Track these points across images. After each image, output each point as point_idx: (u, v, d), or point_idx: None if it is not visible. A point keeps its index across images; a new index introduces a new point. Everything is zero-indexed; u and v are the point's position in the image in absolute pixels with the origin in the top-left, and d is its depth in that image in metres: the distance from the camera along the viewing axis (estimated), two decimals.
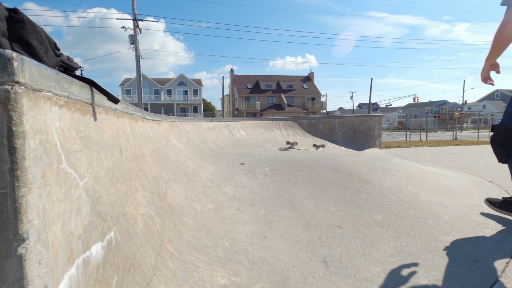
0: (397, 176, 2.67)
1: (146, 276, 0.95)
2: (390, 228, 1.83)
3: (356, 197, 2.28)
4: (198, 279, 1.15)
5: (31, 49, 0.84)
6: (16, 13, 0.83)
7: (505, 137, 1.82)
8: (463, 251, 1.55)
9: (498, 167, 4.07)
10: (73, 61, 1.11)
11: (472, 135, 19.10)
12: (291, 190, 2.44)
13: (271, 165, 3.03)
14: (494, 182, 3.06)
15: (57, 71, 0.71)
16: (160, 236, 1.24)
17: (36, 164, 0.57)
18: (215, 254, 1.40)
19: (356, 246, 1.61)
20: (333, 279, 1.31)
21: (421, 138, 15.08)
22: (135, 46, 16.33)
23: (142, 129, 1.91)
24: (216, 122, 5.31)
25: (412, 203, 2.17)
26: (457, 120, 23.69)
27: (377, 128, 7.22)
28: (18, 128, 0.54)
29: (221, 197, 2.22)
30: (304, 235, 1.73)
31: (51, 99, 0.67)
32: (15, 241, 0.52)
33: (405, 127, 18.36)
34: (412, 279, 1.31)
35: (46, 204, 0.59)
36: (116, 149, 1.15)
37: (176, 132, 3.30)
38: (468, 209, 2.16)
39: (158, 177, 1.78)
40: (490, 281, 1.29)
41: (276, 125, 6.95)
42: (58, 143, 0.68)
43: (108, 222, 0.87)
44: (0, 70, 0.53)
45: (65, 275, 0.61)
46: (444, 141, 11.77)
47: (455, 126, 17.34)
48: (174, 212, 1.60)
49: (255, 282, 1.24)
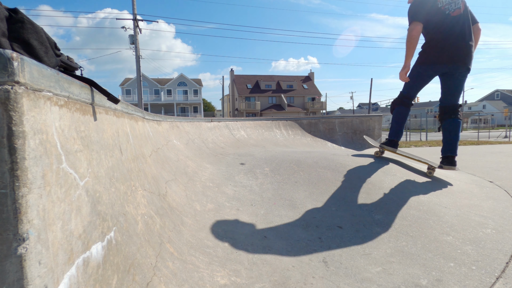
0: (397, 176, 2.67)
1: (146, 276, 0.95)
2: (390, 228, 1.83)
3: (356, 197, 2.28)
4: (198, 279, 1.15)
5: (31, 49, 0.84)
6: (16, 13, 0.83)
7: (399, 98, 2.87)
8: (463, 251, 1.55)
9: (498, 167, 4.06)
10: (73, 61, 1.11)
11: (472, 135, 19.10)
12: (291, 190, 2.44)
13: (271, 165, 3.03)
14: (494, 182, 3.06)
15: (57, 71, 0.71)
16: (160, 236, 1.24)
17: (36, 164, 0.57)
18: (215, 254, 1.40)
19: (356, 246, 1.62)
20: (333, 279, 1.31)
21: (421, 138, 15.08)
22: (135, 46, 16.34)
23: (142, 129, 1.91)
24: (216, 122, 5.32)
25: (412, 203, 2.17)
26: None
27: (377, 128, 7.22)
28: (18, 128, 0.54)
29: (221, 197, 2.22)
30: (304, 235, 1.73)
31: (51, 99, 0.67)
32: (15, 241, 0.52)
33: (405, 127, 18.34)
34: (412, 279, 1.31)
35: (46, 204, 0.59)
36: (116, 149, 1.15)
37: (176, 132, 3.30)
38: (468, 209, 2.16)
39: (158, 177, 1.78)
40: (490, 281, 1.29)
41: (276, 125, 6.95)
42: (58, 143, 0.68)
43: (108, 222, 0.87)
44: (0, 70, 0.53)
45: (65, 275, 0.61)
46: None
47: None
48: (174, 212, 1.60)
49: (255, 282, 1.24)
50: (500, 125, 37.82)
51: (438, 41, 2.45)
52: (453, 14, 2.42)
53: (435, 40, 2.47)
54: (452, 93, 2.55)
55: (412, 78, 2.64)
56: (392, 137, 2.95)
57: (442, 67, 2.51)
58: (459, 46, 2.41)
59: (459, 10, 2.43)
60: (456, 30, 2.41)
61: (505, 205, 2.29)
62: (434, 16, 2.44)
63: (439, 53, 2.46)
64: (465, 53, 2.42)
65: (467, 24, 2.44)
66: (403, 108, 2.81)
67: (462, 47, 2.41)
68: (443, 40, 2.43)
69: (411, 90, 2.73)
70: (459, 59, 2.42)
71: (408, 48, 2.47)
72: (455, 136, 2.57)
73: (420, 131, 17.41)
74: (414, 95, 2.75)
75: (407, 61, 2.51)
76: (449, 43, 2.42)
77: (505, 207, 2.25)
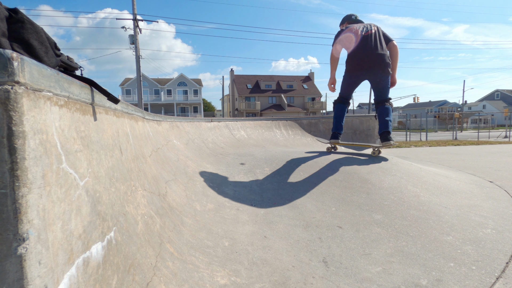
0: (397, 176, 2.67)
1: (146, 276, 0.95)
2: (390, 228, 1.83)
3: (356, 197, 2.28)
4: (198, 279, 1.15)
5: (31, 49, 0.84)
6: (16, 13, 0.83)
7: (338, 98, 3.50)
8: (463, 251, 1.55)
9: (498, 167, 4.06)
10: (73, 61, 1.11)
11: (472, 135, 19.10)
12: (291, 190, 2.44)
13: (271, 165, 3.03)
14: (494, 182, 3.06)
15: (57, 71, 0.71)
16: (160, 236, 1.24)
17: (36, 164, 0.57)
18: (215, 254, 1.40)
19: (356, 246, 1.61)
20: (333, 279, 1.31)
21: (421, 138, 15.08)
22: (135, 46, 16.33)
23: (142, 129, 1.91)
24: (216, 122, 5.31)
25: (412, 203, 2.17)
26: (457, 120, 23.68)
27: (377, 128, 7.21)
28: (18, 128, 0.54)
29: (221, 197, 2.22)
30: (304, 235, 1.73)
31: (51, 99, 0.67)
32: (15, 241, 0.52)
33: (405, 127, 18.35)
34: (412, 279, 1.31)
35: (46, 204, 0.59)
36: (116, 149, 1.15)
37: (176, 132, 3.30)
38: (468, 209, 2.16)
39: (158, 177, 1.78)
40: (490, 281, 1.29)
41: (276, 125, 6.95)
42: (58, 143, 0.68)
43: (108, 222, 0.87)
44: (0, 70, 0.53)
45: (65, 275, 0.61)
46: (444, 141, 11.77)
47: (455, 126, 17.34)
48: (174, 212, 1.60)
49: (255, 282, 1.24)
50: (500, 125, 37.83)
51: (355, 54, 3.16)
52: (365, 34, 3.15)
53: (352, 54, 3.18)
54: (380, 92, 3.20)
55: (343, 82, 3.37)
56: (334, 130, 3.48)
57: (362, 73, 3.20)
58: (371, 56, 3.07)
59: (370, 31, 3.16)
60: (368, 45, 3.10)
61: (505, 205, 2.29)
62: (351, 37, 3.20)
63: (356, 63, 3.17)
64: (378, 61, 3.07)
65: (379, 40, 3.13)
66: (341, 105, 3.44)
67: (374, 57, 3.07)
68: (358, 53, 3.13)
69: (344, 92, 3.38)
70: (373, 66, 3.09)
71: (331, 64, 3.30)
72: (386, 117, 3.16)
73: (420, 131, 17.40)
74: (348, 95, 3.40)
75: (331, 74, 3.33)
76: (363, 55, 3.10)
77: (505, 207, 2.25)
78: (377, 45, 3.08)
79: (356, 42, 3.12)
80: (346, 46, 3.23)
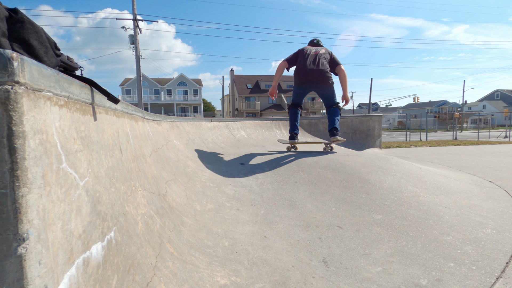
0: (397, 176, 2.67)
1: (146, 276, 0.95)
2: (390, 228, 1.83)
3: (356, 197, 2.28)
4: (198, 279, 1.15)
5: (31, 49, 0.84)
6: (16, 13, 0.83)
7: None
8: (463, 251, 1.55)
9: (498, 167, 4.07)
10: (73, 61, 1.11)
11: (472, 135, 19.10)
12: (291, 190, 2.44)
13: (271, 165, 3.04)
14: (494, 182, 3.06)
15: (57, 71, 0.71)
16: (160, 236, 1.24)
17: (36, 164, 0.57)
18: (215, 254, 1.40)
19: (356, 246, 1.61)
20: (333, 279, 1.31)
21: (421, 138, 15.07)
22: (135, 46, 16.33)
23: (142, 129, 1.91)
24: (216, 122, 5.31)
25: (412, 203, 2.17)
26: (457, 120, 23.67)
27: (377, 128, 7.21)
28: (18, 128, 0.54)
29: (221, 197, 2.22)
30: (304, 235, 1.73)
31: (51, 99, 0.67)
32: (15, 241, 0.52)
33: (405, 127, 18.35)
34: (412, 279, 1.31)
35: (46, 204, 0.59)
36: (116, 149, 1.15)
37: (176, 132, 3.30)
38: (468, 209, 2.16)
39: (158, 177, 1.78)
40: (490, 281, 1.29)
41: (276, 125, 6.94)
42: (58, 143, 0.68)
43: (108, 222, 0.87)
44: (0, 70, 0.53)
45: (65, 275, 0.61)
46: (444, 141, 11.77)
47: (455, 126, 17.34)
48: (174, 212, 1.60)
49: (255, 282, 1.24)
50: (500, 125, 37.81)
51: (299, 69, 3.66)
52: (312, 53, 3.67)
53: (297, 68, 3.69)
54: (327, 100, 3.75)
55: (293, 92, 3.93)
56: (290, 131, 3.89)
57: (307, 86, 3.68)
58: (312, 72, 3.55)
59: (318, 52, 3.68)
60: (311, 63, 3.59)
61: (505, 205, 2.29)
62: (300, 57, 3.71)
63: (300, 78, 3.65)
64: (319, 76, 3.56)
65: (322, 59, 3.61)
66: (294, 109, 3.93)
67: (314, 72, 3.55)
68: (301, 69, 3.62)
69: (295, 99, 3.93)
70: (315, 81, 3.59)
71: (276, 75, 3.82)
72: (334, 116, 3.67)
73: (420, 131, 17.39)
74: (298, 102, 3.92)
75: (273, 84, 3.79)
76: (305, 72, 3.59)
77: (505, 207, 2.25)
78: (318, 64, 3.59)
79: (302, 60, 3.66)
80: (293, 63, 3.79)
